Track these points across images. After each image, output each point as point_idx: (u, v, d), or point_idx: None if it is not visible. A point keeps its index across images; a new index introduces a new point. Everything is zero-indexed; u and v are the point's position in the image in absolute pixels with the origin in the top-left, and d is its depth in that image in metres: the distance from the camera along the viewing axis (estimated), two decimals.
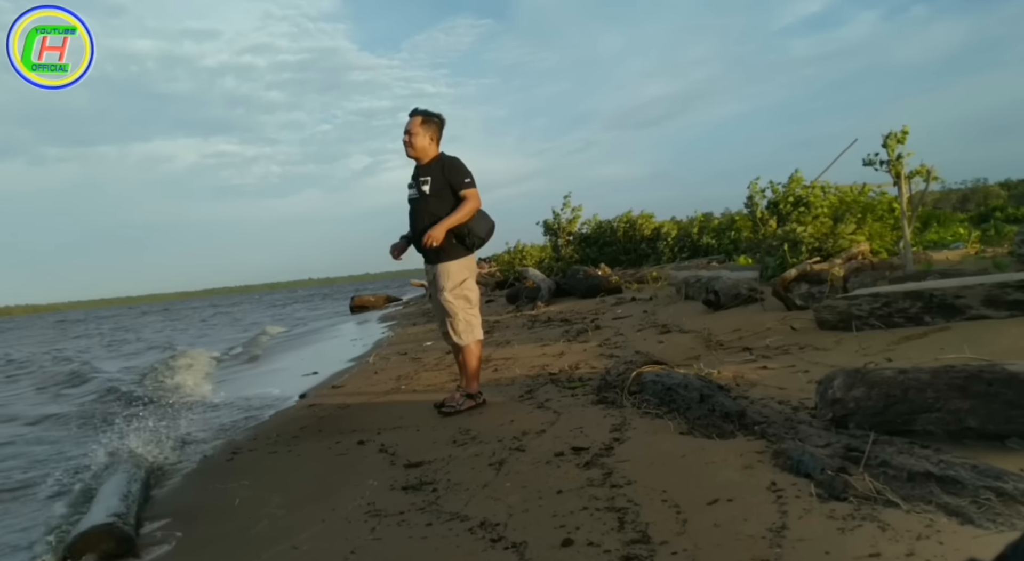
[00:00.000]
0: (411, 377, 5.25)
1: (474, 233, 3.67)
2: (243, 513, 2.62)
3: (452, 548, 1.91)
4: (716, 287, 6.40)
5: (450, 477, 2.56)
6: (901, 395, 2.22)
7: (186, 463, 3.69)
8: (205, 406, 5.77)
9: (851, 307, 4.20)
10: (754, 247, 8.72)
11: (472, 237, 3.67)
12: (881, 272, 5.56)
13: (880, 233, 7.47)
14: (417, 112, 3.71)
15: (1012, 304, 3.65)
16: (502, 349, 5.96)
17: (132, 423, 4.49)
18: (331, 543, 2.11)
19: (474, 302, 3.79)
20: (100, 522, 2.37)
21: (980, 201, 25.99)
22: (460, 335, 3.72)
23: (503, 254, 17.33)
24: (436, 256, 3.69)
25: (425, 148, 3.69)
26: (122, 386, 7.58)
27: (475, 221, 3.67)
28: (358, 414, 4.15)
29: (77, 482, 3.34)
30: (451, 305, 3.69)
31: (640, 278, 11.47)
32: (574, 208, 16.49)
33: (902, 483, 1.83)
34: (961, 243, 9.11)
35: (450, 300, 3.68)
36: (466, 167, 3.72)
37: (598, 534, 1.82)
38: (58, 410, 6.57)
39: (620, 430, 2.79)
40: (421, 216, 3.69)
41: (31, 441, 5.05)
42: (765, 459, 2.18)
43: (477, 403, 3.73)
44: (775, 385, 3.24)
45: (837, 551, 1.54)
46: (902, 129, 6.37)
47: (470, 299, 3.76)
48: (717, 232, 14.60)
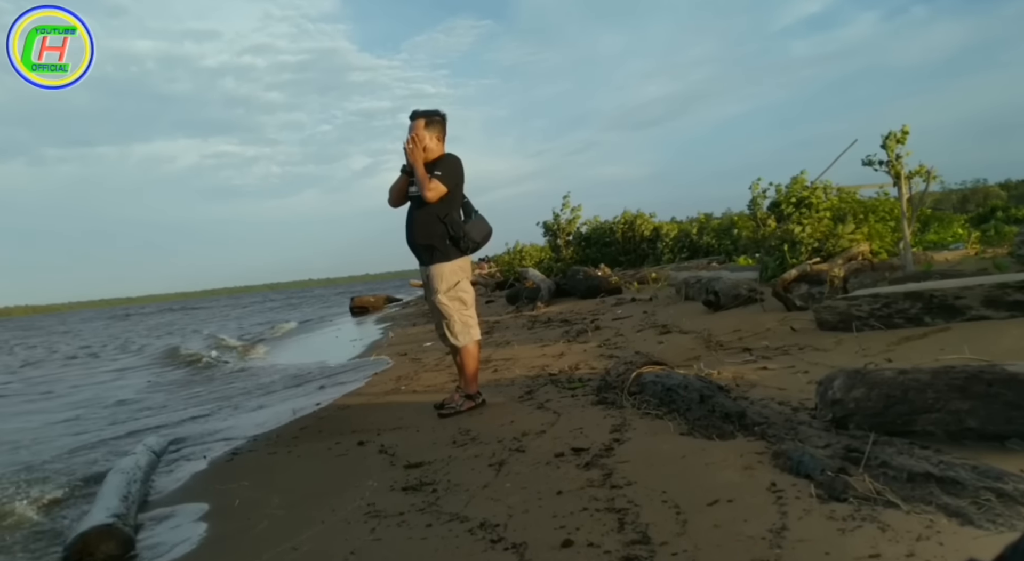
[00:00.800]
0: (411, 378, 5.25)
1: (469, 237, 3.65)
2: (243, 514, 2.62)
3: (452, 549, 1.90)
4: (716, 288, 6.41)
5: (450, 478, 2.55)
6: (901, 396, 2.22)
7: (186, 463, 3.69)
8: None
9: (851, 308, 4.20)
10: (754, 247, 8.72)
11: (467, 241, 3.66)
12: (881, 273, 5.56)
13: (880, 233, 7.47)
14: (418, 114, 3.68)
15: (1012, 305, 3.65)
16: (502, 349, 5.96)
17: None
18: (331, 544, 2.11)
19: (469, 304, 3.77)
20: (100, 522, 2.37)
21: (980, 201, 25.99)
22: (457, 336, 3.71)
23: (503, 255, 17.35)
24: (430, 257, 3.68)
25: (431, 150, 3.67)
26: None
27: (472, 225, 3.67)
28: (358, 415, 4.15)
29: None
30: (445, 307, 3.68)
31: (640, 279, 11.47)
32: (573, 208, 16.50)
33: (902, 484, 1.83)
34: (961, 244, 9.11)
35: (444, 302, 3.67)
36: (455, 167, 3.68)
37: (598, 535, 1.82)
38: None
39: (620, 431, 2.79)
40: (419, 217, 3.67)
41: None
42: (765, 460, 2.18)
43: (476, 404, 3.72)
44: (775, 386, 3.23)
45: (837, 552, 1.54)
46: (901, 129, 6.38)
47: (465, 301, 3.74)
48: (717, 233, 14.61)
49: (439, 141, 3.71)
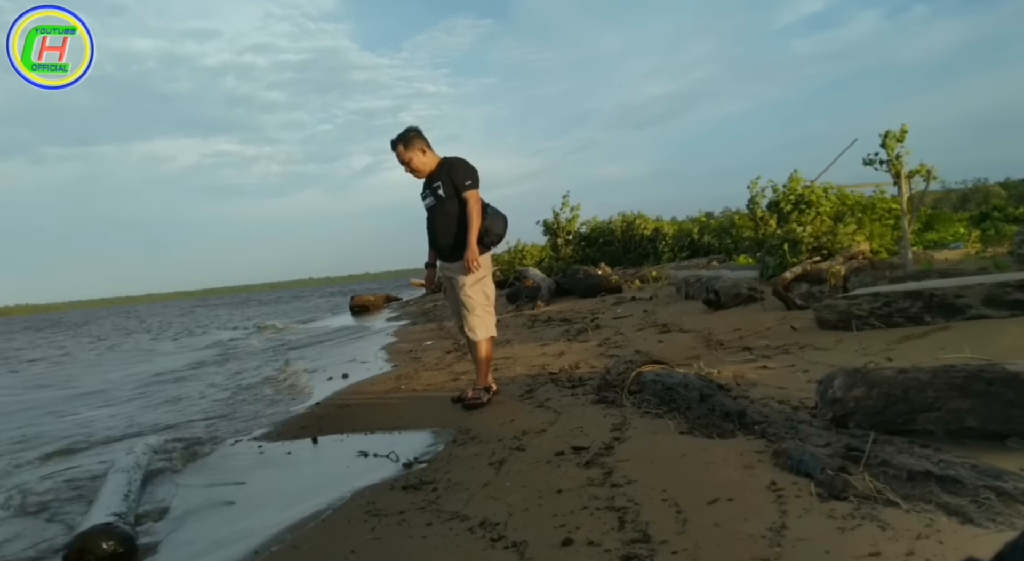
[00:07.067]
0: (411, 377, 5.25)
1: (492, 232, 3.79)
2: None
3: (452, 548, 1.90)
4: (716, 287, 6.41)
5: (450, 476, 2.56)
6: (901, 395, 2.22)
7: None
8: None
9: (851, 307, 4.20)
10: (754, 247, 8.72)
11: (491, 235, 3.80)
12: (881, 272, 5.56)
13: (880, 233, 7.47)
14: (395, 142, 3.80)
15: (1012, 304, 3.64)
16: (502, 348, 5.96)
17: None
18: (331, 543, 2.11)
19: (491, 299, 3.90)
20: (100, 522, 2.37)
21: (980, 201, 25.97)
22: (475, 331, 3.83)
23: (503, 254, 17.34)
24: (457, 254, 3.77)
25: (425, 163, 3.81)
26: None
27: (491, 220, 3.78)
28: (358, 413, 4.16)
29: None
30: (470, 300, 3.79)
31: (640, 277, 11.47)
32: (573, 207, 16.49)
33: (902, 482, 1.83)
34: (961, 243, 9.11)
35: (470, 295, 3.78)
36: (469, 167, 3.80)
37: (598, 533, 1.82)
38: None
39: (620, 429, 2.79)
40: (440, 220, 3.79)
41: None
42: (765, 459, 2.18)
43: (490, 397, 3.85)
44: (775, 385, 3.23)
45: (837, 550, 1.54)
46: (901, 128, 6.37)
47: (488, 295, 3.87)
48: (717, 232, 14.61)
49: (427, 151, 3.82)
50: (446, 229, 3.78)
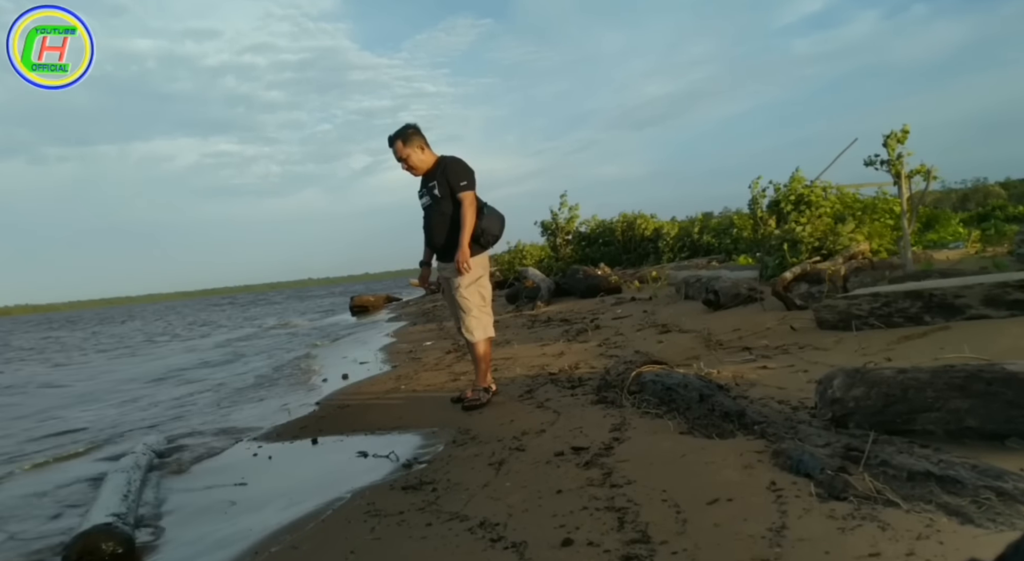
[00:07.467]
0: (411, 377, 5.25)
1: (488, 232, 3.77)
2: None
3: (452, 548, 1.90)
4: (716, 287, 6.40)
5: (450, 477, 2.55)
6: (901, 395, 2.22)
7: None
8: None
9: (851, 307, 4.20)
10: (754, 247, 8.71)
11: (487, 236, 3.78)
12: (881, 272, 5.56)
13: (880, 233, 7.47)
14: (393, 138, 3.78)
15: (1012, 304, 3.64)
16: (502, 349, 5.96)
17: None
18: (331, 543, 2.11)
19: (487, 299, 3.89)
20: (100, 522, 2.37)
21: (980, 200, 25.96)
22: (472, 332, 3.82)
23: (503, 254, 17.32)
24: (453, 254, 3.76)
25: (422, 160, 3.80)
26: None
27: (488, 220, 3.76)
28: (358, 414, 4.16)
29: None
30: (466, 301, 3.77)
31: (640, 277, 11.47)
32: (571, 207, 16.46)
33: (902, 483, 1.83)
34: (961, 243, 9.11)
35: (466, 296, 3.77)
36: (465, 167, 3.78)
37: (598, 534, 1.82)
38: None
39: (620, 430, 2.79)
40: (436, 220, 3.78)
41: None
42: (765, 459, 2.18)
43: (490, 397, 3.84)
44: (775, 385, 3.23)
45: (837, 551, 1.54)
46: (902, 128, 6.37)
47: (484, 296, 3.86)
48: (717, 232, 14.60)
49: (425, 149, 3.81)
50: (441, 229, 3.78)
